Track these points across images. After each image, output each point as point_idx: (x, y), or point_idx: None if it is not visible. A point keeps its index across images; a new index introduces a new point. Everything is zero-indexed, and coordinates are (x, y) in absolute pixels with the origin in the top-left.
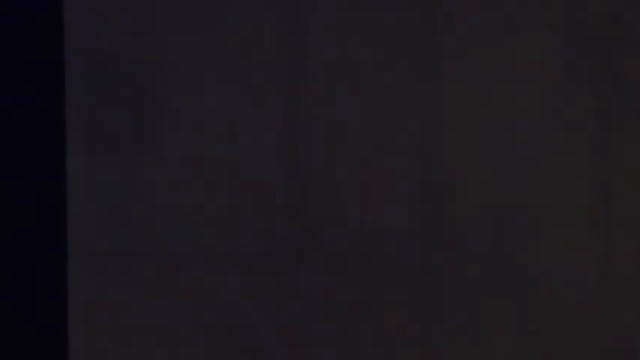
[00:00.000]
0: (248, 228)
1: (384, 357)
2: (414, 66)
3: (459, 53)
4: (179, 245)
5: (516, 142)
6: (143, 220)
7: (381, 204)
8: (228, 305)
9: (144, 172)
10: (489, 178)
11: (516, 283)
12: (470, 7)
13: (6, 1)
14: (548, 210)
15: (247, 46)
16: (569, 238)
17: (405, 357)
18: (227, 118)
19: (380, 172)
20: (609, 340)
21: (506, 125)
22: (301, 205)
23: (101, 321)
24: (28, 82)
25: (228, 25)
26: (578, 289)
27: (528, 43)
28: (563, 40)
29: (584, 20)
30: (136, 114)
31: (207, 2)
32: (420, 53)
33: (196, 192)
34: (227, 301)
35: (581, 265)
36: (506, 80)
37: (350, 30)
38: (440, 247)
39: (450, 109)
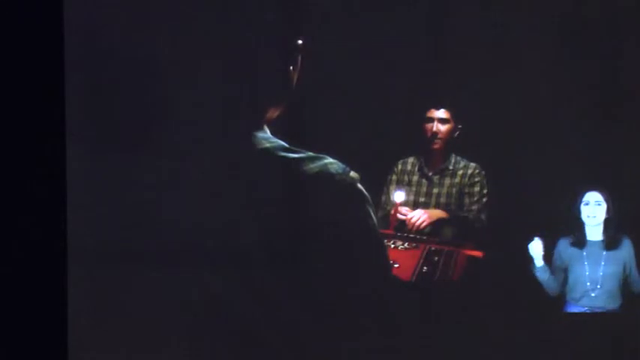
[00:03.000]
0: (248, 228)
1: (385, 356)
2: (414, 66)
3: (459, 53)
4: (179, 245)
5: (516, 142)
6: (143, 220)
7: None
8: (228, 304)
9: (144, 172)
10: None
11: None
12: (470, 7)
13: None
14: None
15: (248, 46)
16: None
17: (406, 356)
18: (227, 118)
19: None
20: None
21: (506, 125)
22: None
23: (101, 320)
24: (28, 82)
25: (229, 25)
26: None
27: (528, 43)
28: (563, 40)
29: (584, 20)
30: (136, 114)
31: (207, 2)
32: (420, 53)
33: (196, 192)
34: (227, 301)
35: None
36: (506, 80)
37: (349, 29)
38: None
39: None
